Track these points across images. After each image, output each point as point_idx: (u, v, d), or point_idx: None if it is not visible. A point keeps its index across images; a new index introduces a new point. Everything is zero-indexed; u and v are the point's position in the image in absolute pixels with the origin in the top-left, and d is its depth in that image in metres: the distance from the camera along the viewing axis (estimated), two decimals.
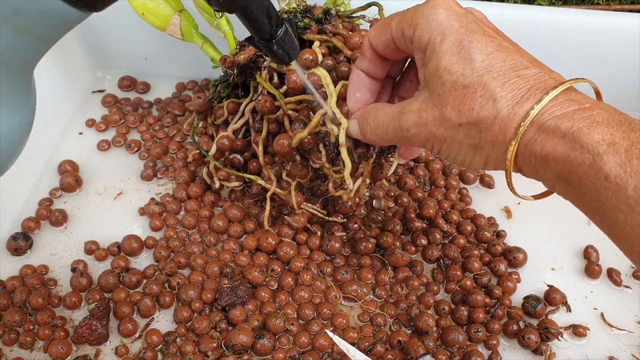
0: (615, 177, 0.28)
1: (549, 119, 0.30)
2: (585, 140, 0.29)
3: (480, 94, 0.32)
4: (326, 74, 0.43)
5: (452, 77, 0.33)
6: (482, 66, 0.32)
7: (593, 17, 0.57)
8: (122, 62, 0.66)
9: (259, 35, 0.33)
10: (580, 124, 0.29)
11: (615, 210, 0.29)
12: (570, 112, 0.30)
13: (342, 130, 0.41)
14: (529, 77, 0.32)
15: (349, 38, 0.45)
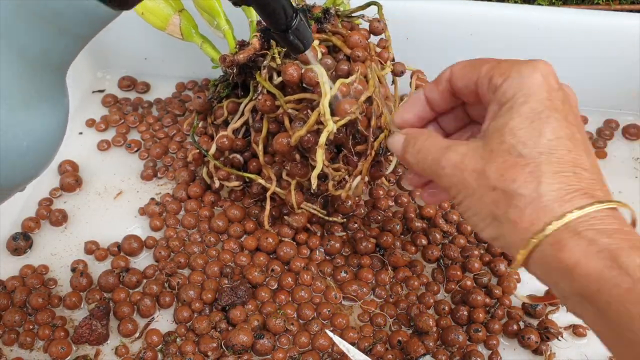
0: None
1: (587, 229, 0.28)
2: (626, 261, 0.27)
3: (530, 169, 0.30)
4: (324, 72, 0.43)
5: (513, 140, 0.31)
6: (546, 145, 0.31)
7: (593, 17, 0.57)
8: (122, 62, 0.66)
9: (275, 26, 0.34)
10: (621, 244, 0.27)
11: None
12: (610, 230, 0.28)
13: (325, 131, 0.42)
14: (583, 179, 0.30)
15: (348, 37, 0.45)
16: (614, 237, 0.28)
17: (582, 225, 0.28)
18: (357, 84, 0.43)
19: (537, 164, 0.30)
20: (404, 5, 0.57)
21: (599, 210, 0.29)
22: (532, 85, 0.32)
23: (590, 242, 0.28)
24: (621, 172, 0.58)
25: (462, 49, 0.60)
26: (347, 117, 0.42)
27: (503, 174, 0.31)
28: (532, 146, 0.31)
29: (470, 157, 0.33)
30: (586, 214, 0.29)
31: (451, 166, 0.33)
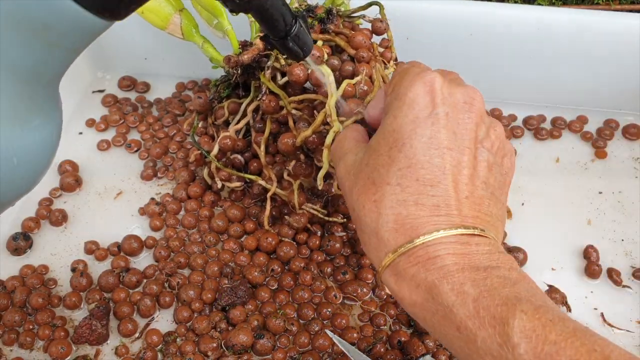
0: (465, 329, 0.28)
1: (411, 266, 0.31)
2: (439, 292, 0.29)
3: (375, 198, 0.32)
4: (330, 73, 0.43)
5: (372, 164, 0.33)
6: (394, 174, 0.32)
7: (593, 17, 0.57)
8: (122, 62, 0.66)
9: (274, 33, 0.34)
10: (435, 275, 0.30)
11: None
12: (431, 261, 0.30)
13: (331, 132, 0.42)
14: (425, 207, 0.31)
15: (352, 37, 0.45)
16: (431, 270, 0.30)
17: (409, 261, 0.31)
18: (363, 84, 0.43)
19: (381, 193, 0.32)
20: (404, 5, 0.57)
21: (434, 239, 0.30)
22: (404, 102, 0.33)
23: (411, 279, 0.30)
24: (621, 172, 0.58)
25: (462, 49, 0.60)
26: (354, 117, 0.42)
27: (358, 198, 0.33)
28: (384, 174, 0.32)
29: (350, 172, 0.35)
30: (414, 248, 0.30)
31: (339, 177, 0.36)
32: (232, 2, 0.29)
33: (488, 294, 0.28)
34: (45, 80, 0.28)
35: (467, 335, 0.28)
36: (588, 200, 0.56)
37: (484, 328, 0.27)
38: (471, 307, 0.28)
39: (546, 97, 0.63)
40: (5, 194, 0.29)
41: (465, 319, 0.28)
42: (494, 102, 0.63)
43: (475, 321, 0.27)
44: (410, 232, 0.31)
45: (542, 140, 0.61)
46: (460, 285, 0.29)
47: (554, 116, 0.62)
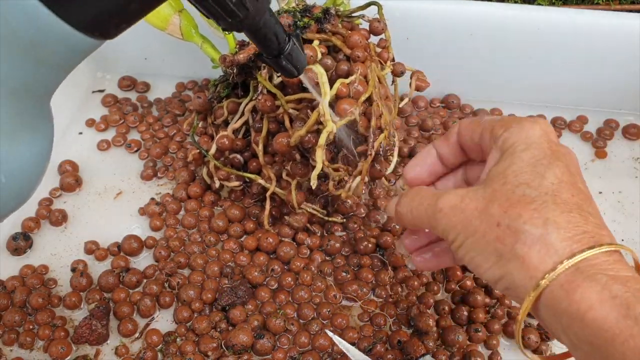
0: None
1: (598, 273, 0.27)
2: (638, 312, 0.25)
3: (535, 207, 0.29)
4: (323, 72, 0.43)
5: (515, 181, 0.31)
6: (550, 187, 0.30)
7: (593, 17, 0.57)
8: (122, 62, 0.66)
9: (268, 51, 0.34)
10: (636, 293, 0.26)
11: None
12: (623, 277, 0.27)
13: (324, 132, 0.42)
14: (589, 222, 0.30)
15: (348, 37, 0.45)
16: (627, 286, 0.27)
17: (594, 268, 0.28)
18: (357, 84, 0.43)
19: (542, 202, 0.30)
20: (404, 5, 0.57)
21: (609, 254, 0.28)
22: (532, 135, 0.33)
23: (604, 287, 0.27)
24: (621, 172, 0.58)
25: (462, 49, 0.60)
26: (347, 117, 0.42)
27: (507, 210, 0.30)
28: (536, 187, 0.30)
29: (470, 197, 0.32)
30: (595, 256, 0.28)
31: (449, 207, 0.32)
32: (224, 21, 0.28)
33: None
34: (34, 97, 0.27)
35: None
36: None
37: None
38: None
39: (546, 97, 0.63)
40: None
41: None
42: (494, 102, 0.63)
43: None
44: (587, 240, 0.29)
45: None
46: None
47: (554, 116, 0.62)
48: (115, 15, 0.24)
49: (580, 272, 0.28)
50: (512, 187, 0.31)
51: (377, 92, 0.44)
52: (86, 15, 0.23)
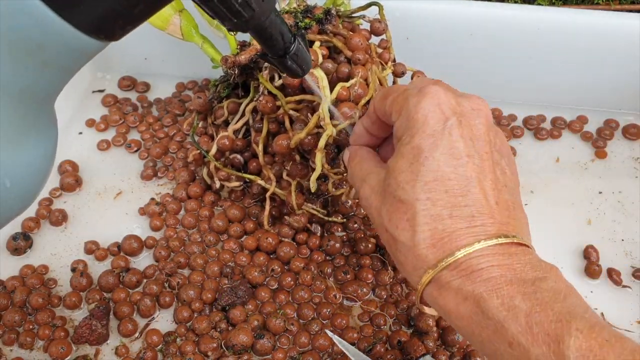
0: (518, 346, 0.27)
1: (454, 279, 0.30)
2: (487, 305, 0.28)
3: (407, 217, 0.32)
4: (323, 76, 0.43)
5: (395, 184, 0.33)
6: (421, 189, 0.31)
7: (593, 17, 0.57)
8: (122, 62, 0.66)
9: (273, 51, 0.34)
10: (482, 288, 0.29)
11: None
12: (476, 273, 0.30)
13: (324, 135, 0.42)
14: (461, 218, 0.31)
15: (349, 39, 0.45)
16: (477, 283, 0.29)
17: (450, 274, 0.30)
18: (358, 87, 0.43)
19: (413, 211, 0.31)
20: (404, 5, 0.57)
21: (475, 251, 0.30)
22: (417, 120, 0.33)
23: (457, 292, 0.30)
24: (621, 172, 0.58)
25: (462, 49, 0.60)
26: (347, 121, 0.42)
27: (390, 218, 0.33)
28: (410, 191, 0.32)
29: (375, 193, 0.35)
30: (456, 262, 0.30)
31: (363, 198, 0.36)
32: (230, 22, 0.28)
33: (540, 308, 0.27)
34: (39, 100, 0.27)
35: (520, 352, 0.27)
36: (588, 200, 0.56)
37: (537, 345, 0.26)
38: (523, 323, 0.27)
39: (546, 97, 0.63)
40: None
41: (517, 335, 0.27)
42: (494, 102, 0.63)
43: (528, 337, 0.27)
44: (450, 245, 0.30)
45: (542, 140, 0.61)
46: (510, 299, 0.28)
47: (554, 116, 0.62)
48: (120, 17, 0.24)
49: (439, 281, 0.31)
50: (392, 191, 0.33)
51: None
52: (92, 18, 0.23)
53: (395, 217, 0.32)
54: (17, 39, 0.23)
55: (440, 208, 0.31)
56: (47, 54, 0.24)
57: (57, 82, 0.27)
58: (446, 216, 0.31)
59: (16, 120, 0.26)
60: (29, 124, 0.27)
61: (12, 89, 0.25)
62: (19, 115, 0.26)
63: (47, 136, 0.29)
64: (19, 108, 0.26)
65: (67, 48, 0.24)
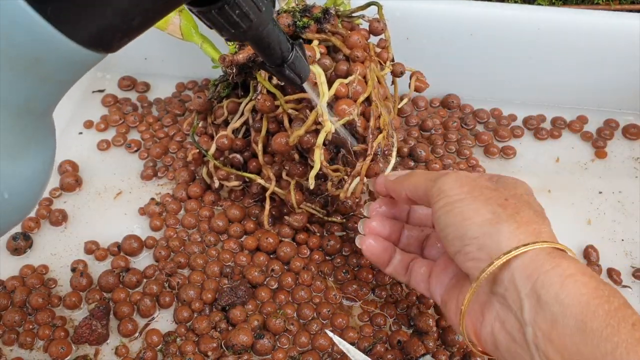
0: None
1: (574, 258, 0.33)
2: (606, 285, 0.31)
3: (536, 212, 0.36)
4: (321, 72, 0.43)
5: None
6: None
7: (593, 17, 0.57)
8: (122, 62, 0.66)
9: (271, 60, 0.34)
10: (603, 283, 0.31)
11: None
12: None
13: (323, 132, 0.42)
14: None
15: (347, 37, 0.45)
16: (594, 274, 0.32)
17: (571, 255, 0.33)
18: (356, 84, 0.43)
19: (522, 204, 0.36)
20: (404, 5, 0.57)
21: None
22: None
23: (581, 266, 0.32)
24: (621, 172, 0.58)
25: (462, 49, 0.60)
26: (345, 118, 0.42)
27: (517, 197, 0.37)
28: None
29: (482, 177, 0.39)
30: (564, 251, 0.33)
31: (463, 174, 0.39)
32: (228, 32, 0.29)
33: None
34: (37, 112, 0.27)
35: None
36: (588, 200, 0.56)
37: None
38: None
39: (546, 97, 0.63)
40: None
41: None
42: (494, 102, 0.63)
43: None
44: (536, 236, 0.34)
45: (542, 140, 0.61)
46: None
47: (554, 116, 0.62)
48: (118, 30, 0.24)
49: (558, 254, 0.32)
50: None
51: (376, 92, 0.44)
52: (90, 31, 0.23)
53: (516, 204, 0.36)
54: (16, 54, 0.23)
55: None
56: (46, 68, 0.24)
57: (56, 95, 0.27)
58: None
59: (15, 132, 0.26)
60: (28, 136, 0.27)
61: (10, 103, 0.25)
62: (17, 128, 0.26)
63: (45, 147, 0.29)
64: (17, 121, 0.26)
65: (65, 61, 0.24)
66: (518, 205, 0.35)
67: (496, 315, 0.33)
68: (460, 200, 0.36)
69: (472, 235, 0.34)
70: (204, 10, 0.28)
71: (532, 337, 0.31)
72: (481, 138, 0.60)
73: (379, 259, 0.43)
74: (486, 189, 0.36)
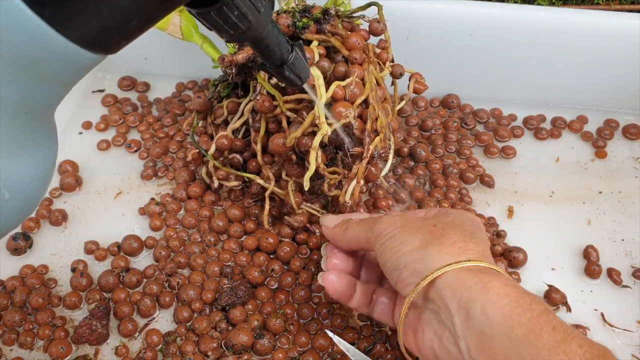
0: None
1: (497, 273, 0.35)
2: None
3: (461, 230, 0.38)
4: (319, 75, 0.43)
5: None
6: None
7: (593, 17, 0.57)
8: (122, 62, 0.66)
9: (271, 61, 0.34)
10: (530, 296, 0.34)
11: None
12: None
13: (319, 134, 0.42)
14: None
15: (347, 38, 0.45)
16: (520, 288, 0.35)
17: (496, 272, 0.36)
18: (354, 87, 0.43)
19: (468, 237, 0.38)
20: (404, 5, 0.57)
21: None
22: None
23: (506, 281, 0.34)
24: (621, 172, 0.58)
25: (462, 49, 0.60)
26: (342, 120, 0.42)
27: (445, 223, 0.39)
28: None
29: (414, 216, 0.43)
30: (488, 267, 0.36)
31: (395, 214, 0.46)
32: (227, 33, 0.29)
33: None
34: (37, 113, 0.27)
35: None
36: (588, 200, 0.56)
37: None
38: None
39: (546, 97, 0.63)
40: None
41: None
42: (494, 102, 0.63)
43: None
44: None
45: (542, 140, 0.61)
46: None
47: (554, 116, 0.62)
48: (116, 31, 0.24)
49: (483, 270, 0.35)
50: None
51: (374, 95, 0.44)
52: (89, 32, 0.23)
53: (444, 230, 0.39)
54: (14, 56, 0.23)
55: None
56: (44, 70, 0.24)
57: (55, 96, 0.27)
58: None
59: (14, 133, 0.26)
60: (28, 136, 0.27)
61: (9, 103, 0.25)
62: (17, 129, 0.26)
63: (46, 147, 0.29)
64: (16, 121, 0.26)
65: (63, 62, 0.24)
66: (446, 229, 0.38)
67: (434, 332, 0.36)
68: (393, 236, 0.38)
69: (405, 263, 0.37)
70: (203, 11, 0.28)
71: (465, 349, 0.33)
72: (481, 138, 0.60)
73: (342, 295, 0.42)
74: (418, 221, 0.39)
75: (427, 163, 0.57)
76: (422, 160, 0.57)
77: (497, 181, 0.57)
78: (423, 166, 0.57)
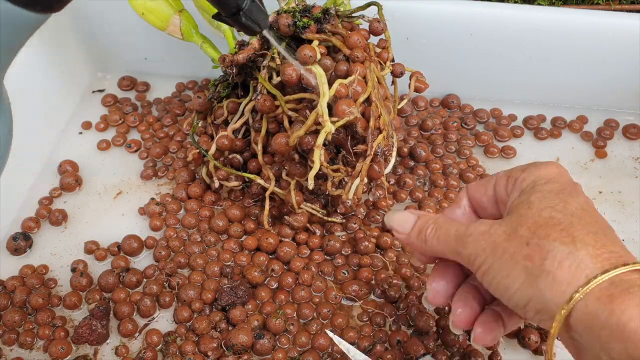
0: None
1: (633, 286, 0.27)
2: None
3: (562, 227, 0.30)
4: (322, 73, 0.43)
5: (541, 205, 0.32)
6: (575, 212, 0.31)
7: (593, 17, 0.57)
8: (122, 62, 0.66)
9: (225, 10, 0.33)
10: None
11: None
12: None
13: (322, 132, 0.42)
14: (615, 244, 0.30)
15: (347, 37, 0.45)
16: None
17: (627, 283, 0.27)
18: (356, 85, 0.43)
19: (569, 223, 0.31)
20: (404, 5, 0.57)
21: (638, 272, 0.28)
22: (550, 172, 0.35)
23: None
24: (621, 172, 0.58)
25: (462, 49, 0.60)
26: (345, 118, 0.42)
27: (535, 231, 0.31)
28: (561, 210, 0.31)
29: (498, 224, 0.33)
30: (626, 274, 0.28)
31: (479, 232, 0.33)
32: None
33: None
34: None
35: None
36: None
37: None
38: None
39: (546, 97, 0.63)
40: None
41: None
42: (494, 102, 0.63)
43: None
44: (617, 260, 0.29)
45: (542, 140, 0.61)
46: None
47: (554, 116, 0.62)
48: None
49: (615, 285, 0.27)
50: (537, 211, 0.32)
51: (376, 92, 0.44)
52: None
53: (544, 229, 0.31)
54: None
55: (594, 228, 0.31)
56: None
57: (2, 59, 0.26)
58: (602, 236, 0.31)
59: None
60: None
61: None
62: None
63: None
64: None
65: (5, 25, 0.24)
66: (541, 244, 0.30)
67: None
68: (490, 268, 0.32)
69: (523, 303, 0.31)
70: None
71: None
72: (481, 138, 0.60)
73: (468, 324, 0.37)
74: (503, 240, 0.32)
75: (427, 163, 0.57)
76: (422, 160, 0.57)
77: None
78: (423, 166, 0.57)
